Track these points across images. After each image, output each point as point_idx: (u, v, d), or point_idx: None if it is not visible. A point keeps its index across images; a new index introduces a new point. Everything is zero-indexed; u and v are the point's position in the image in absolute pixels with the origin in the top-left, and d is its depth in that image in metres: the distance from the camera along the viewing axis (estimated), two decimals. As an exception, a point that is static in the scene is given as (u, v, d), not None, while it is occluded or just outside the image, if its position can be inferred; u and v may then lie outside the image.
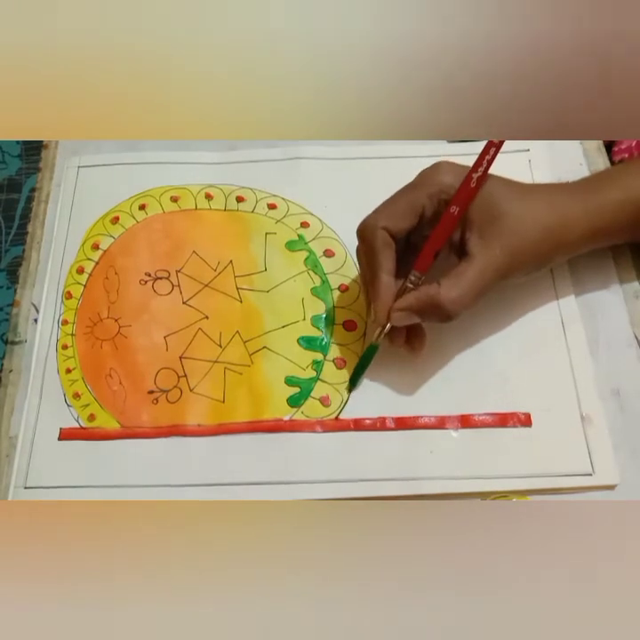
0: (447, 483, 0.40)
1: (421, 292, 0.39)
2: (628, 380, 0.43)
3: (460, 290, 0.38)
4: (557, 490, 0.40)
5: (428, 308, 0.38)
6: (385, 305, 0.39)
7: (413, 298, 0.39)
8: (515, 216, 0.39)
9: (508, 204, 0.39)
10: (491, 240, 0.39)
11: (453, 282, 0.38)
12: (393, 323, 0.40)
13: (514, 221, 0.39)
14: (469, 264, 0.38)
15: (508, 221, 0.39)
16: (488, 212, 0.39)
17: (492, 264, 0.39)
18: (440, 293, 0.38)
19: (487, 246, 0.39)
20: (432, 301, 0.38)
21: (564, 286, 0.45)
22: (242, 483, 0.41)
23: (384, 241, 0.39)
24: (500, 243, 0.39)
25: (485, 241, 0.39)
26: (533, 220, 0.39)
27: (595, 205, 0.41)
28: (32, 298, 0.48)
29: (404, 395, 0.43)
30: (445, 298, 0.38)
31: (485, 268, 0.38)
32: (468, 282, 0.38)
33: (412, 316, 0.39)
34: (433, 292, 0.38)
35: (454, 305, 0.38)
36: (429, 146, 0.51)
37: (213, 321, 0.46)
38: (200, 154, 0.52)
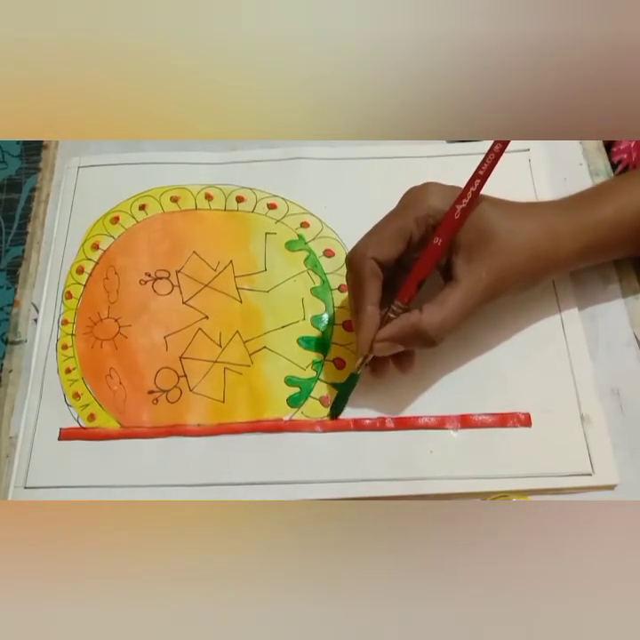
0: (447, 483, 0.40)
1: (403, 319, 0.39)
2: (627, 380, 0.43)
3: (442, 315, 0.37)
4: (557, 490, 0.40)
5: (411, 335, 0.38)
6: (368, 335, 0.39)
7: (395, 327, 0.39)
8: (504, 235, 0.38)
9: (498, 224, 0.39)
10: (477, 263, 0.38)
11: (437, 308, 0.38)
12: (375, 353, 0.39)
13: (503, 243, 0.38)
14: (453, 289, 0.38)
15: (496, 243, 0.38)
16: (476, 234, 0.38)
17: (477, 287, 0.38)
18: (422, 320, 0.37)
19: (473, 270, 0.38)
20: (414, 329, 0.38)
21: (563, 287, 0.45)
22: (242, 483, 0.41)
23: (372, 271, 0.39)
24: (487, 264, 0.38)
25: (472, 265, 0.38)
26: (523, 240, 0.39)
27: (590, 222, 0.40)
28: (32, 298, 0.48)
29: (403, 395, 0.43)
30: (427, 324, 0.37)
31: (470, 292, 0.38)
32: (451, 307, 0.38)
33: (394, 345, 0.39)
34: (415, 320, 0.38)
35: (437, 331, 0.38)
36: (429, 146, 0.51)
37: (213, 321, 0.46)
38: (200, 154, 0.52)
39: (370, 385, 0.43)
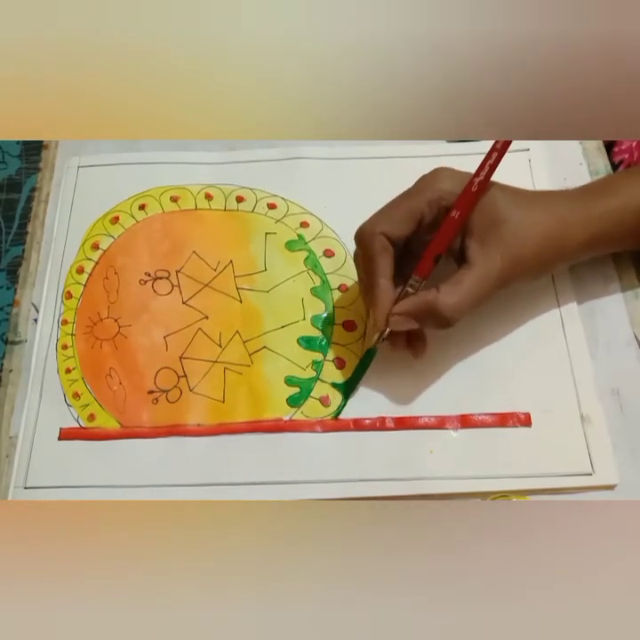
0: (447, 483, 0.40)
1: (420, 297, 0.39)
2: (627, 380, 0.43)
3: (458, 296, 0.38)
4: (557, 490, 0.40)
5: (426, 313, 0.38)
6: (383, 310, 0.39)
7: (411, 303, 0.39)
8: (515, 223, 0.39)
9: (509, 212, 0.39)
10: (491, 247, 0.38)
11: (452, 288, 0.38)
12: (391, 327, 0.39)
13: (514, 229, 0.39)
14: (469, 271, 0.38)
15: (508, 229, 0.38)
16: (489, 218, 0.39)
17: (492, 271, 0.38)
18: (438, 299, 0.38)
19: (487, 254, 0.38)
20: (430, 307, 0.38)
21: (563, 286, 0.45)
22: (242, 483, 0.41)
23: (382, 246, 0.39)
24: (501, 250, 0.38)
25: (485, 248, 0.38)
26: (534, 227, 0.39)
27: (595, 213, 0.40)
28: (32, 298, 0.48)
29: (403, 395, 0.43)
30: (443, 304, 0.37)
31: (485, 275, 0.38)
32: (466, 289, 0.38)
33: (410, 320, 0.39)
34: (431, 298, 0.38)
35: (452, 311, 0.38)
36: (429, 146, 0.51)
37: (213, 321, 0.46)
38: (200, 154, 0.52)
39: (370, 385, 0.43)
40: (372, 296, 0.40)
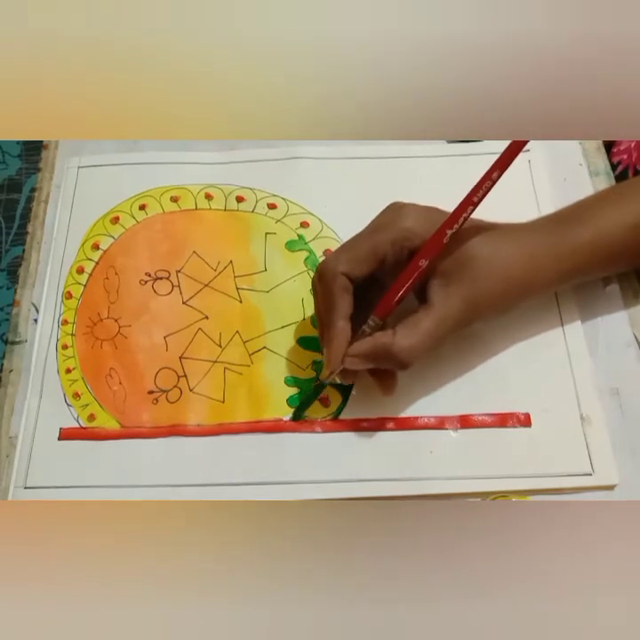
0: (447, 483, 0.40)
1: (376, 339, 0.38)
2: (627, 380, 0.43)
3: (413, 340, 0.37)
4: (557, 490, 0.40)
5: (382, 356, 0.38)
6: (338, 350, 0.39)
7: (367, 345, 0.38)
8: (481, 261, 0.38)
9: (475, 250, 0.38)
10: (453, 289, 0.38)
11: (408, 331, 0.37)
12: (347, 366, 0.39)
13: (479, 270, 0.38)
14: (427, 313, 0.38)
15: (473, 269, 0.38)
16: (455, 259, 0.38)
17: (451, 314, 0.38)
18: (393, 343, 0.37)
19: (448, 296, 0.38)
20: (385, 350, 0.37)
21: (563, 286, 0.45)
22: (242, 483, 0.41)
23: (342, 286, 0.39)
24: (463, 292, 0.38)
25: (447, 289, 0.38)
26: (499, 267, 0.38)
27: (566, 249, 0.39)
28: (32, 298, 0.48)
29: (403, 395, 0.43)
30: (398, 348, 0.37)
31: (444, 318, 0.38)
32: (423, 332, 0.37)
33: (365, 362, 0.39)
34: (386, 340, 0.37)
35: (407, 355, 0.37)
36: (429, 146, 0.51)
37: (213, 321, 0.46)
38: (200, 154, 0.52)
39: (370, 385, 0.43)
40: (328, 335, 0.39)
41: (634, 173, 0.50)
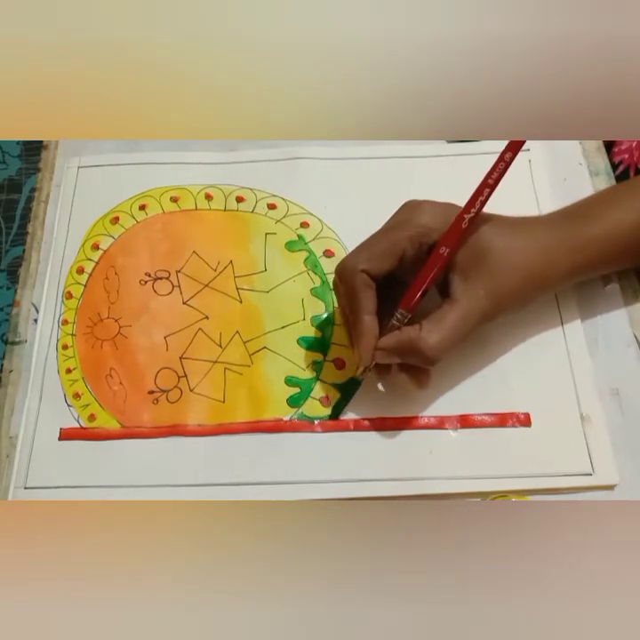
0: (447, 483, 0.40)
1: (403, 333, 0.38)
2: (627, 380, 0.43)
3: (440, 335, 0.37)
4: (557, 490, 0.40)
5: (408, 351, 0.38)
6: (369, 346, 0.39)
7: (395, 339, 0.38)
8: (498, 255, 0.38)
9: (492, 242, 0.38)
10: (474, 282, 0.38)
11: (434, 326, 0.37)
12: (377, 361, 0.39)
13: (497, 262, 0.38)
14: (452, 308, 0.38)
15: (491, 262, 0.38)
16: (472, 251, 0.38)
17: (475, 309, 0.38)
18: (420, 338, 0.37)
19: (471, 289, 0.38)
20: (412, 345, 0.37)
21: (563, 286, 0.45)
22: (242, 483, 0.41)
23: (364, 283, 0.39)
24: (484, 286, 0.38)
25: (469, 283, 0.38)
26: (517, 261, 0.38)
27: (579, 242, 0.40)
28: (32, 298, 0.48)
29: (403, 395, 0.43)
30: (425, 344, 0.37)
31: (469, 312, 0.38)
32: (449, 327, 0.37)
33: (392, 356, 0.39)
34: (414, 336, 0.37)
35: (434, 351, 0.37)
36: (429, 146, 0.51)
37: (213, 321, 0.46)
38: (200, 154, 0.52)
39: (370, 385, 0.43)
40: (357, 332, 0.39)
41: (635, 173, 0.50)
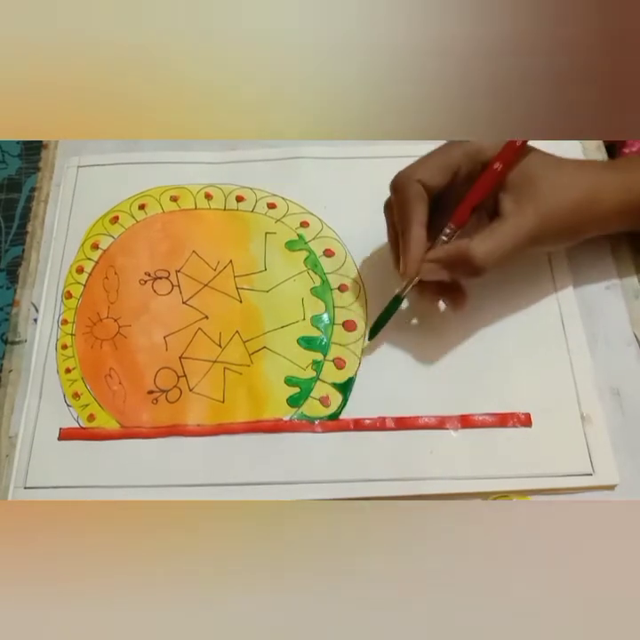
0: (447, 483, 0.40)
1: (452, 245, 0.39)
2: (627, 380, 0.43)
3: (490, 245, 0.38)
4: (557, 490, 0.40)
5: (458, 261, 0.39)
6: (416, 257, 0.39)
7: (444, 250, 0.39)
8: (549, 183, 0.39)
9: (544, 171, 0.40)
10: (525, 203, 0.39)
11: (485, 237, 0.38)
12: (421, 276, 0.40)
13: (548, 188, 0.39)
14: (502, 222, 0.39)
15: (542, 187, 0.39)
16: (523, 175, 0.39)
17: (524, 225, 0.39)
18: (470, 247, 0.38)
19: (521, 208, 0.39)
20: (462, 254, 0.38)
21: (563, 286, 0.45)
22: (241, 483, 0.41)
23: (418, 193, 0.39)
24: (534, 207, 0.39)
25: (519, 204, 0.39)
26: (566, 188, 0.40)
27: (626, 183, 0.41)
28: (32, 298, 0.48)
29: (403, 395, 0.43)
30: (475, 251, 0.38)
31: (518, 228, 0.39)
32: (499, 238, 0.38)
33: (440, 270, 0.39)
34: (464, 245, 0.38)
35: (484, 259, 0.38)
36: (429, 146, 0.51)
37: (213, 321, 0.46)
38: (200, 154, 0.52)
39: (370, 385, 0.43)
40: (405, 242, 0.40)
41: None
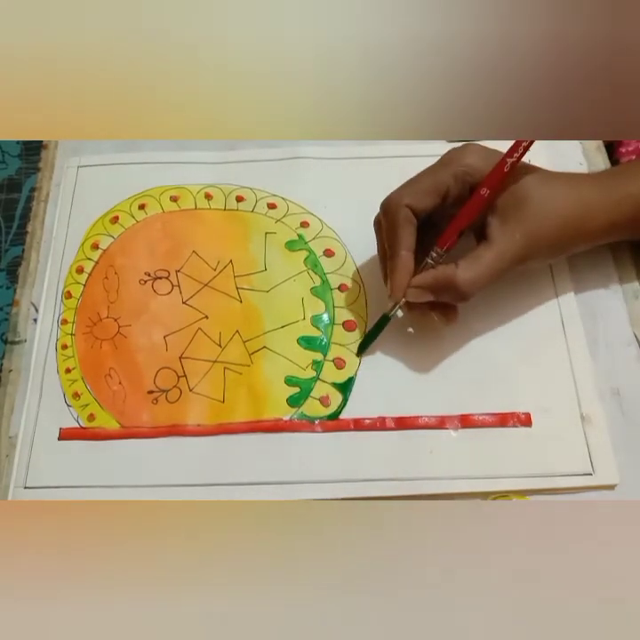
0: (447, 483, 0.40)
1: (438, 270, 0.40)
2: (627, 380, 0.43)
3: (476, 272, 0.39)
4: (557, 490, 0.40)
5: (444, 287, 0.39)
6: (402, 281, 0.40)
7: (430, 276, 0.40)
8: (537, 202, 0.39)
9: (532, 190, 0.40)
10: (511, 225, 0.39)
11: (470, 264, 0.39)
12: (408, 299, 0.40)
13: (536, 208, 0.39)
14: (488, 247, 0.39)
15: (530, 207, 0.39)
16: (511, 196, 0.40)
17: (510, 249, 0.39)
18: (456, 274, 0.38)
19: (507, 231, 0.39)
20: (448, 281, 0.39)
21: (564, 286, 0.45)
22: (241, 483, 0.41)
23: (406, 218, 0.40)
24: (521, 229, 0.39)
25: (506, 226, 0.39)
26: (555, 208, 0.40)
27: (617, 197, 0.41)
28: (32, 297, 0.48)
29: (403, 394, 0.43)
30: (461, 278, 0.38)
31: (504, 252, 0.39)
32: (485, 264, 0.39)
33: (426, 293, 0.40)
34: (449, 272, 0.39)
35: (469, 286, 0.39)
36: (429, 146, 0.51)
37: (213, 321, 0.46)
38: (200, 154, 0.52)
39: (370, 385, 0.43)
40: (392, 268, 0.40)
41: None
